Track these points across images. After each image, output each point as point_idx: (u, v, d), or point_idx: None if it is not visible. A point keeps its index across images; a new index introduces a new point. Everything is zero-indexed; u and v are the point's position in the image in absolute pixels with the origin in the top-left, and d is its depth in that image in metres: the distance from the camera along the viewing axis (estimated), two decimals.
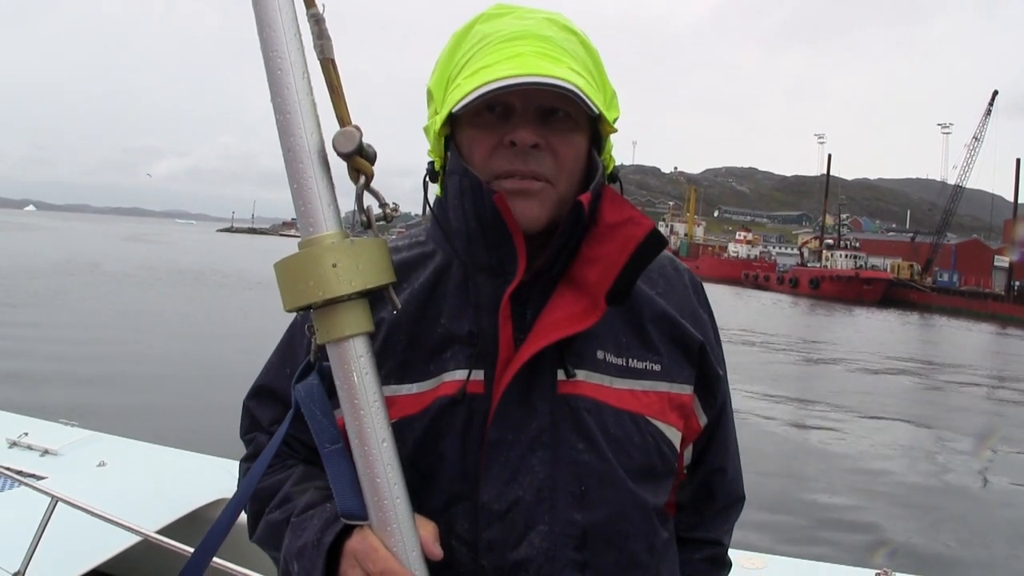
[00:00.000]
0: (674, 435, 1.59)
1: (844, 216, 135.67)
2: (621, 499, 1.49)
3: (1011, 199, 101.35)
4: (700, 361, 1.65)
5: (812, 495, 12.01)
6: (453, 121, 1.49)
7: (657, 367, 1.57)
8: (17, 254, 57.26)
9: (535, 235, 1.47)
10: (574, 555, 1.44)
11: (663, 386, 1.57)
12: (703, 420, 1.68)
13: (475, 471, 1.44)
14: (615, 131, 1.56)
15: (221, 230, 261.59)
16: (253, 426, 1.69)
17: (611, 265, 1.45)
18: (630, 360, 1.55)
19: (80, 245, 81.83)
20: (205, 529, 1.37)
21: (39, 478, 4.73)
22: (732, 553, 1.85)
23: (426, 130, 1.57)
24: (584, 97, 1.39)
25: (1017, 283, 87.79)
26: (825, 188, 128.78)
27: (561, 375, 1.48)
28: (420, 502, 1.41)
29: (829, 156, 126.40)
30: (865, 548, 9.97)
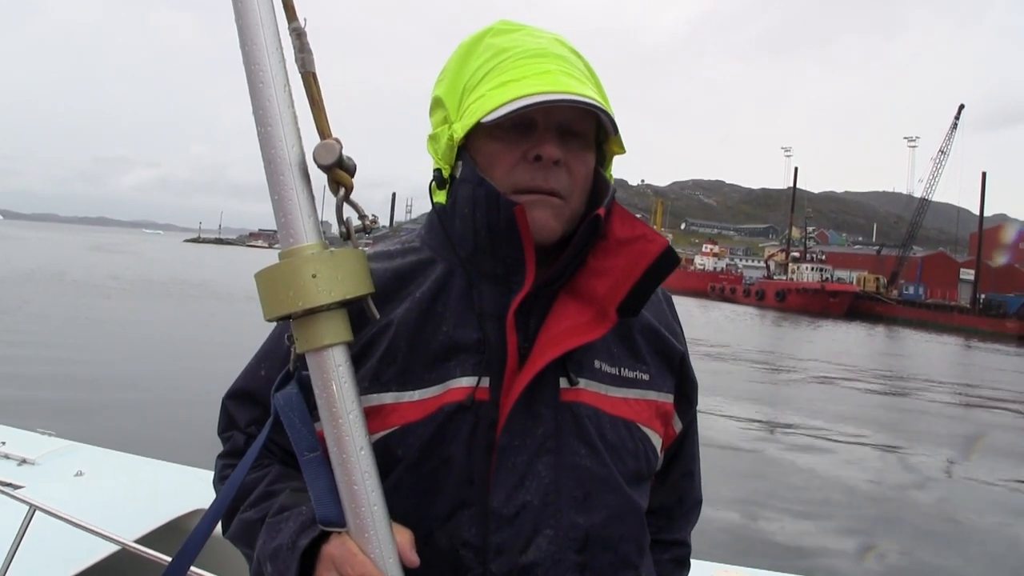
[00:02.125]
0: (657, 441, 1.65)
1: (811, 229, 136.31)
2: (619, 502, 1.54)
3: (977, 212, 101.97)
4: (681, 371, 1.72)
5: (783, 508, 12.03)
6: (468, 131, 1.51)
7: (646, 376, 1.63)
8: None
9: (539, 248, 1.50)
10: (576, 557, 1.47)
11: (651, 395, 1.63)
12: (678, 427, 1.75)
13: (482, 477, 1.46)
14: (624, 152, 1.62)
15: (188, 240, 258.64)
16: (230, 425, 1.69)
17: (623, 278, 1.49)
18: (622, 369, 1.60)
19: (48, 254, 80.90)
20: (182, 539, 1.37)
21: (16, 487, 4.69)
22: (706, 566, 1.90)
23: (433, 138, 1.59)
24: (613, 117, 1.46)
25: (982, 296, 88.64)
26: (791, 201, 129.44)
27: (564, 383, 1.52)
28: (423, 508, 1.44)
29: (796, 169, 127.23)
30: (840, 560, 10.03)
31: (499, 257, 1.51)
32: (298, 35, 1.34)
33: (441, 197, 1.60)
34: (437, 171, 1.58)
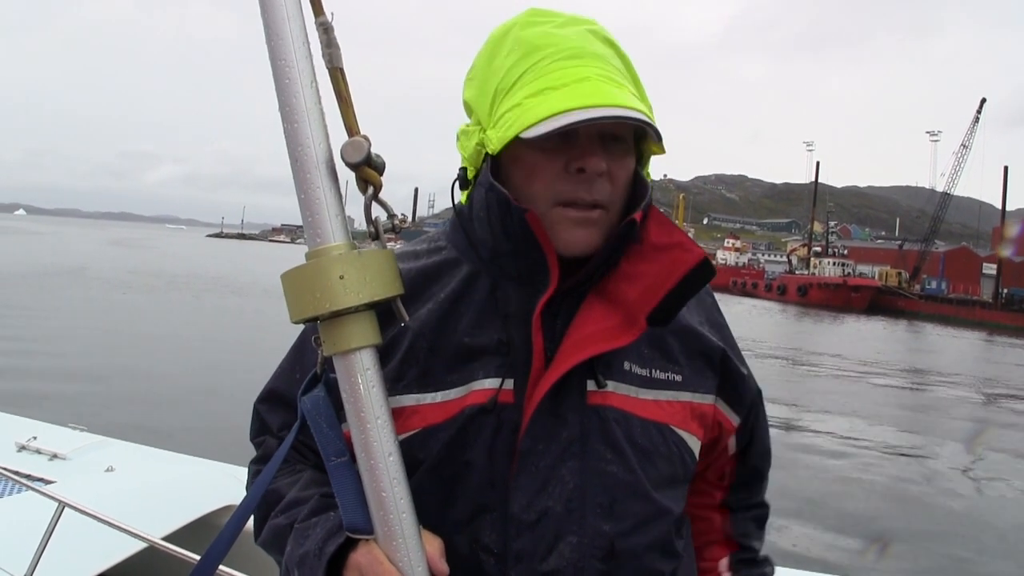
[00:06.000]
0: (695, 444, 1.60)
1: (833, 223, 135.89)
2: (647, 510, 1.50)
3: (999, 207, 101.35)
4: (723, 367, 1.66)
5: (803, 501, 11.99)
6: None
7: (679, 377, 1.58)
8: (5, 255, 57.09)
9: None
10: (600, 566, 1.43)
11: (686, 396, 1.58)
12: (735, 420, 1.71)
13: (503, 481, 1.43)
14: (664, 152, 1.54)
15: (210, 235, 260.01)
16: (263, 429, 1.67)
17: (656, 286, 1.45)
18: (653, 371, 1.55)
19: (71, 249, 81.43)
20: (212, 536, 1.35)
21: (47, 482, 4.74)
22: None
23: (464, 134, 1.55)
24: (658, 129, 1.40)
25: (1005, 290, 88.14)
26: (813, 196, 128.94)
27: (591, 386, 1.48)
28: (444, 512, 1.42)
29: (817, 163, 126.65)
30: (859, 555, 9.98)
31: (521, 258, 1.48)
32: (325, 30, 1.30)
33: (464, 197, 1.58)
34: (463, 170, 1.56)
